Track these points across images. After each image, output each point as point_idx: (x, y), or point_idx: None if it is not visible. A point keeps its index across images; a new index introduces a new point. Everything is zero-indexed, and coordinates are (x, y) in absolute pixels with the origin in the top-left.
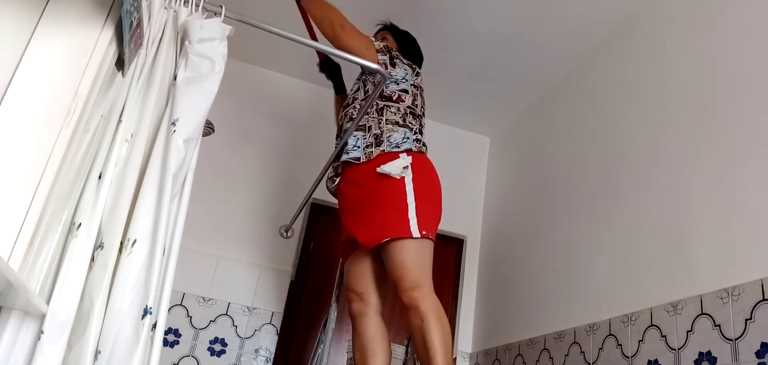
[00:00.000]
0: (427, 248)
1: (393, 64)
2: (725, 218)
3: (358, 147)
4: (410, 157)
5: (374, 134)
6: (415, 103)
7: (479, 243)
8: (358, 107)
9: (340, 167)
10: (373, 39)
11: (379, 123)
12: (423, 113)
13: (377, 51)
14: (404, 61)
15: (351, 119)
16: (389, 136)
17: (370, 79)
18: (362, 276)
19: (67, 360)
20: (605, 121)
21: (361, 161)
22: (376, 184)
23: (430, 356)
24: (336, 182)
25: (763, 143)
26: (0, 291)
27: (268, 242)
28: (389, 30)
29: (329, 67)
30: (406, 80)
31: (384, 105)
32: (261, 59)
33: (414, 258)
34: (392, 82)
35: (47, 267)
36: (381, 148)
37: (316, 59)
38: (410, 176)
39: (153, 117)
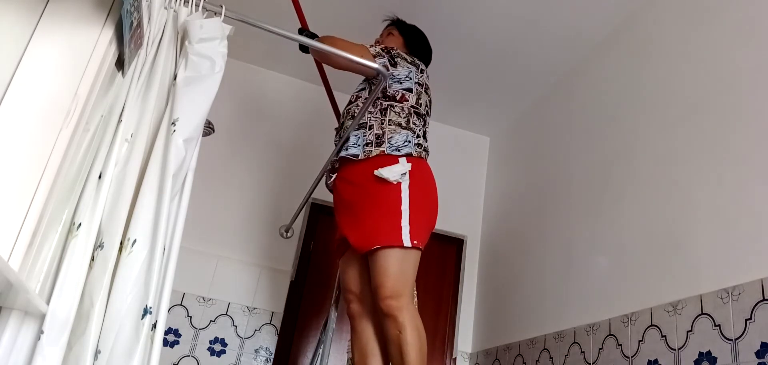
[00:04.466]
0: (414, 257)
1: (394, 64)
2: (725, 218)
3: (358, 145)
4: (409, 163)
5: (375, 134)
6: (420, 101)
7: (479, 243)
8: (360, 105)
9: (337, 162)
10: (371, 44)
11: (382, 123)
12: (428, 112)
13: (374, 56)
14: (407, 59)
15: (353, 117)
16: (390, 137)
17: (375, 80)
18: (358, 276)
19: (67, 360)
20: (605, 121)
21: (359, 158)
22: (372, 186)
23: None
24: (332, 179)
25: (763, 143)
26: (0, 291)
27: (268, 242)
28: (395, 25)
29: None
30: (410, 78)
31: (387, 105)
32: (261, 59)
33: (398, 267)
34: (395, 81)
35: (47, 267)
36: (381, 149)
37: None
38: (407, 182)
39: (153, 117)
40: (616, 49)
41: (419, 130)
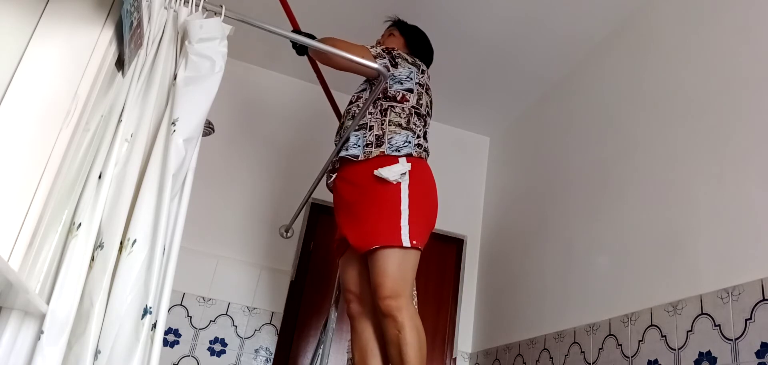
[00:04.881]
0: (413, 257)
1: (395, 65)
2: (725, 218)
3: (358, 145)
4: (409, 163)
5: (376, 135)
6: (420, 102)
7: (479, 243)
8: (361, 105)
9: (337, 163)
10: (372, 45)
11: (382, 124)
12: (428, 113)
13: (375, 56)
14: (408, 59)
15: (353, 117)
16: (390, 138)
17: (376, 81)
18: (358, 276)
19: (67, 360)
20: (605, 121)
21: (359, 159)
22: (372, 186)
23: None
24: (332, 179)
25: (763, 143)
26: (0, 291)
27: (268, 242)
28: (396, 26)
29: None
30: (411, 79)
31: (388, 106)
32: (261, 59)
33: (397, 267)
34: (396, 82)
35: (47, 267)
36: (381, 149)
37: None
38: (407, 182)
39: (153, 117)
40: (616, 49)
41: (420, 130)
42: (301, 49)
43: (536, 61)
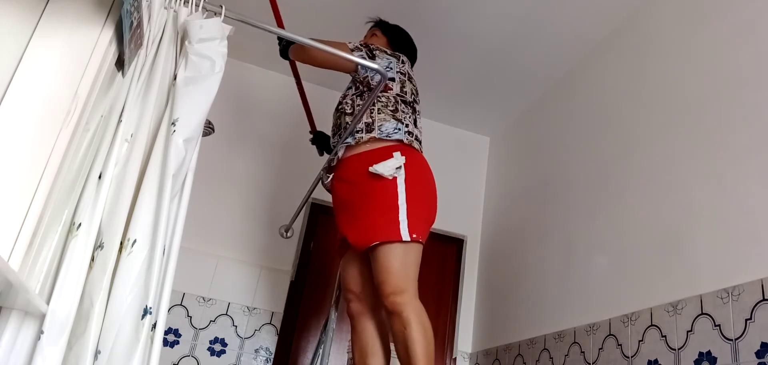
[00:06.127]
0: (415, 252)
1: (372, 58)
2: (725, 218)
3: (350, 133)
4: (403, 157)
5: (365, 122)
6: (404, 90)
7: (479, 243)
8: (350, 102)
9: (334, 161)
10: (352, 41)
11: (371, 112)
12: (415, 100)
13: (352, 50)
14: (387, 52)
15: (344, 114)
16: (380, 125)
17: (357, 76)
18: (358, 275)
19: (67, 360)
20: (605, 121)
21: (350, 143)
22: (368, 183)
23: (413, 364)
24: (329, 179)
25: (763, 143)
26: (0, 291)
27: (268, 242)
28: (378, 26)
29: (320, 141)
30: (391, 68)
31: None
32: (261, 59)
33: (399, 263)
34: (376, 73)
35: (47, 267)
36: (371, 134)
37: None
38: (402, 176)
39: (153, 117)
40: (616, 49)
41: (408, 119)
42: (283, 52)
43: (536, 61)
